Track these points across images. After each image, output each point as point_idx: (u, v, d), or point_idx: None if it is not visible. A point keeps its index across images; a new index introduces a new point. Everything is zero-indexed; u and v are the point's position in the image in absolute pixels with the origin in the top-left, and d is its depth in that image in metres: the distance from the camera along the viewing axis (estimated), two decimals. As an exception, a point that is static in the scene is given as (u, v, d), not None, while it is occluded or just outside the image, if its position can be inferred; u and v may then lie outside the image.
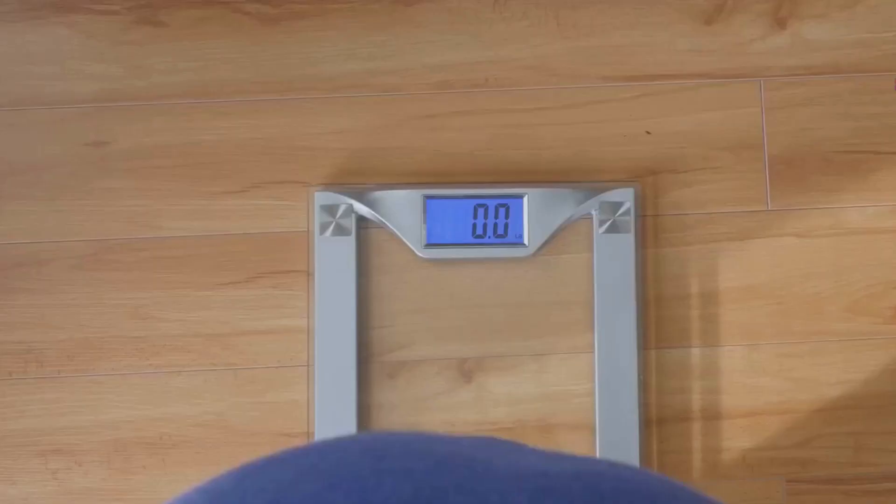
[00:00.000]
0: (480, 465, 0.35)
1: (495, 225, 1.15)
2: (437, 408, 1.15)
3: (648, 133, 1.19)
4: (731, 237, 1.18)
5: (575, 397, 1.16)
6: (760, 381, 1.17)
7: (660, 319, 1.16)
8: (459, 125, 1.18)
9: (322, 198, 1.14)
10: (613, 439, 1.13)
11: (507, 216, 1.15)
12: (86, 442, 1.14)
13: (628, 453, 1.13)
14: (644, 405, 1.15)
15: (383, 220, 1.14)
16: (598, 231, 1.16)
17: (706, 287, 1.17)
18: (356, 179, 1.17)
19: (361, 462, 0.34)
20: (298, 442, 1.14)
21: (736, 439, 1.16)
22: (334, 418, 1.12)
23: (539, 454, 0.43)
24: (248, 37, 1.19)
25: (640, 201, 1.17)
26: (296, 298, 1.15)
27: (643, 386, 1.15)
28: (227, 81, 1.18)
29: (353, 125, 1.18)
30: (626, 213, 1.15)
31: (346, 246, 1.14)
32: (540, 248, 1.16)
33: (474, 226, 1.15)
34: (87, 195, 1.16)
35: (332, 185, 1.16)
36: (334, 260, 1.14)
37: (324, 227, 1.14)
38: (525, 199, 1.15)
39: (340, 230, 1.14)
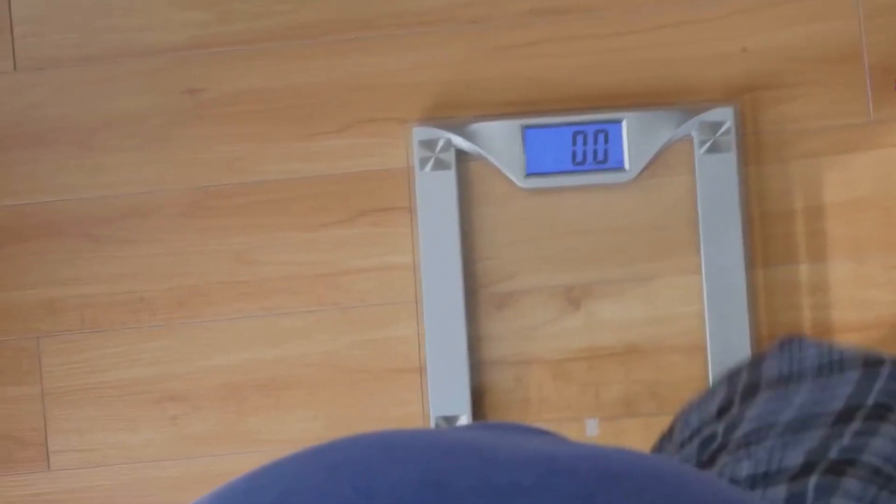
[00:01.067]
0: (487, 450, 0.35)
1: (595, 151, 1.14)
2: (546, 336, 1.15)
3: (745, 50, 1.17)
4: (834, 151, 1.16)
5: (684, 319, 1.15)
6: (869, 293, 1.16)
7: (766, 237, 1.15)
8: (551, 52, 1.17)
9: (420, 133, 1.14)
10: (725, 359, 1.12)
11: (606, 142, 1.14)
12: (200, 387, 1.15)
13: (742, 373, 1.12)
14: (754, 324, 1.14)
15: (483, 153, 1.14)
16: (700, 152, 1.14)
17: (811, 202, 1.16)
18: (452, 112, 1.16)
19: (368, 453, 0.35)
20: (411, 377, 1.14)
21: (849, 354, 1.15)
22: (445, 352, 1.13)
23: (549, 440, 0.44)
24: (333, -24, 1.18)
25: (739, 120, 1.15)
26: (399, 235, 1.15)
27: (753, 304, 1.14)
28: (317, 21, 1.17)
29: (445, 58, 1.17)
30: (727, 132, 1.14)
31: (447, 180, 1.14)
32: (641, 172, 1.15)
33: (574, 153, 1.14)
34: (185, 143, 1.16)
35: (429, 119, 1.16)
36: (436, 195, 1.14)
37: (423, 163, 1.14)
38: (624, 124, 1.14)
39: (440, 165, 1.14)
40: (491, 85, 1.17)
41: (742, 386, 0.61)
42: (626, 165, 1.14)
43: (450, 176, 1.14)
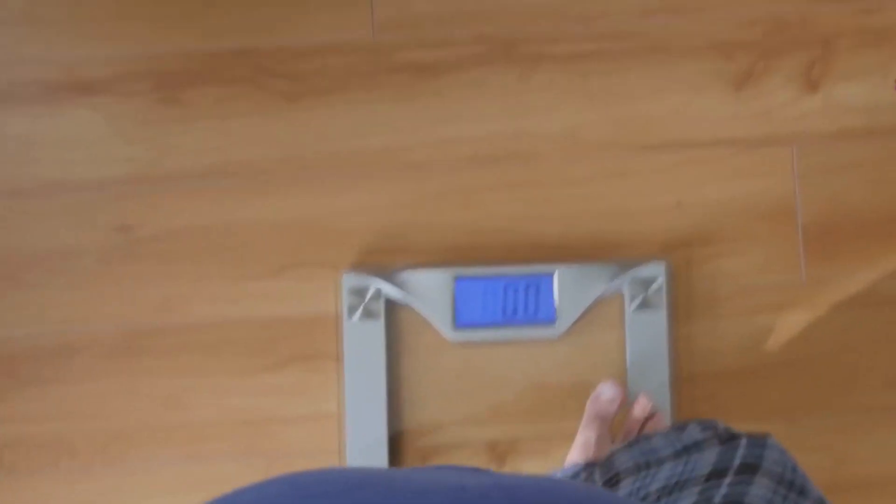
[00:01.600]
0: (399, 482, 0.36)
1: (525, 305, 1.14)
2: (471, 492, 1.14)
3: (679, 204, 1.17)
4: (766, 310, 1.16)
5: (610, 478, 1.14)
6: (802, 458, 1.15)
7: (694, 398, 1.15)
8: (487, 200, 1.17)
9: (350, 280, 1.13)
10: (650, 521, 1.12)
11: (537, 295, 1.14)
12: (120, 533, 1.14)
13: (665, 536, 1.11)
14: (680, 485, 1.13)
15: (412, 303, 1.13)
16: (630, 309, 1.14)
17: (742, 362, 1.15)
18: (385, 258, 1.16)
19: (282, 492, 0.35)
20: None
21: (775, 519, 1.14)
22: (367, 505, 1.12)
23: (461, 472, 0.45)
24: (272, 114, 1.17)
25: (671, 276, 1.15)
26: (327, 384, 1.15)
27: (679, 466, 1.13)
28: (252, 161, 1.17)
29: (380, 202, 1.16)
30: (658, 289, 1.13)
31: (376, 329, 1.13)
32: (571, 327, 1.14)
33: (504, 306, 1.14)
34: (115, 281, 1.16)
35: (360, 265, 1.15)
36: (363, 344, 1.13)
37: (352, 310, 1.13)
38: (555, 278, 1.14)
39: (369, 314, 1.13)
40: (425, 231, 1.16)
41: (602, 481, 0.61)
42: (556, 320, 1.14)
43: (378, 326, 1.13)
